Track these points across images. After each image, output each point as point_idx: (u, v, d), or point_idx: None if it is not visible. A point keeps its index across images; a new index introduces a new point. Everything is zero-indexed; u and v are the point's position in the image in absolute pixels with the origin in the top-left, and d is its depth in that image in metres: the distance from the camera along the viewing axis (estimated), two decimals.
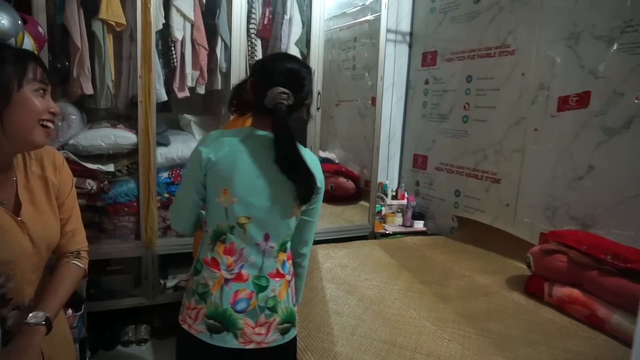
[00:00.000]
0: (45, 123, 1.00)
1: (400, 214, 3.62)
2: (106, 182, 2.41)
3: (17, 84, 0.93)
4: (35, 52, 1.79)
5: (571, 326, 2.00)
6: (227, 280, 1.21)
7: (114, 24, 2.35)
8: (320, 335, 1.79)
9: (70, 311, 1.90)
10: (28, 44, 1.71)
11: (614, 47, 2.32)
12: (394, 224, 3.58)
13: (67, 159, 2.34)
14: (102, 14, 2.30)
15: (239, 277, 1.22)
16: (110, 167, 2.43)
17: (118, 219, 2.50)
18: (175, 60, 2.52)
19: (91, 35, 2.35)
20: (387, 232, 3.37)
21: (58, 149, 2.35)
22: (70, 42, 2.29)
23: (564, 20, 2.55)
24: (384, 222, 3.54)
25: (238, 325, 1.20)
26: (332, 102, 4.33)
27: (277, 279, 1.26)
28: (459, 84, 3.30)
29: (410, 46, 3.81)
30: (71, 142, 2.34)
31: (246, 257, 1.22)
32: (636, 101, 2.24)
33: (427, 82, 3.62)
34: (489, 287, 2.38)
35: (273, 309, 1.24)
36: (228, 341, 1.20)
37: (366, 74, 3.86)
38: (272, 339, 1.25)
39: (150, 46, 2.40)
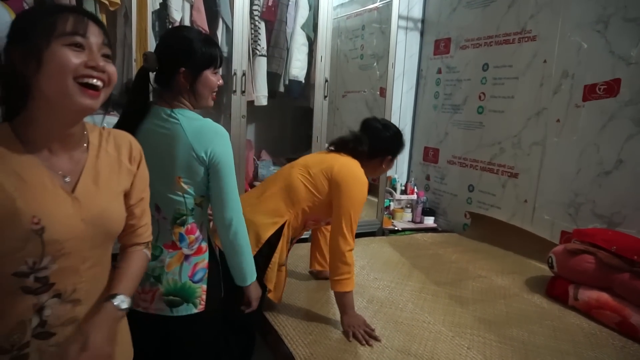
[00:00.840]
0: (84, 80, 0.81)
1: (409, 210, 3.45)
2: None
3: (46, 41, 0.78)
4: None
5: (601, 334, 1.83)
6: None
7: (107, 2, 2.19)
8: (327, 342, 1.63)
9: None
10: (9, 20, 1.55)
11: None
12: (403, 219, 3.41)
13: None
14: None
15: None
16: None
17: None
18: None
19: None
20: (396, 228, 3.21)
21: None
22: None
23: (592, 2, 2.36)
24: (393, 218, 3.37)
25: None
26: (338, 93, 4.16)
27: (171, 250, 1.29)
28: (474, 73, 3.11)
29: (422, 34, 3.62)
30: None
31: None
32: None
33: (439, 71, 3.44)
34: (508, 289, 2.21)
35: (157, 279, 1.27)
36: None
37: (375, 64, 3.68)
38: (157, 307, 1.28)
39: (146, 27, 2.24)
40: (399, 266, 2.44)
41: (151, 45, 2.27)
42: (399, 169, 3.74)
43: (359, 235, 2.96)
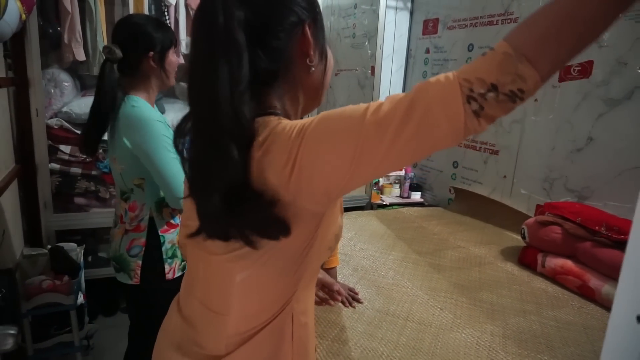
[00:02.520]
0: None
1: (397, 185, 3.61)
2: (101, 151, 2.40)
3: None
4: (23, 15, 1.74)
5: (562, 296, 2.02)
6: None
7: None
8: None
9: (66, 277, 1.92)
10: (14, 6, 1.66)
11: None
12: (392, 195, 3.57)
13: (61, 127, 2.33)
14: None
15: None
16: (105, 135, 2.40)
17: (113, 187, 2.49)
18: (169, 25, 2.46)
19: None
20: (384, 203, 3.38)
21: (51, 117, 2.33)
22: (60, 6, 2.23)
23: None
24: (382, 193, 3.54)
25: None
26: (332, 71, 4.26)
27: (119, 224, 1.51)
28: (461, 53, 3.23)
29: (411, 13, 3.71)
30: (64, 109, 2.31)
31: None
32: (639, 70, 2.19)
33: (427, 51, 3.55)
34: (484, 257, 2.39)
35: (110, 247, 1.55)
36: None
37: (366, 43, 3.78)
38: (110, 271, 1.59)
39: (143, 11, 2.34)
40: (384, 238, 2.62)
41: None
42: None
43: (348, 210, 3.14)
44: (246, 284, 0.70)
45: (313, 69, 0.71)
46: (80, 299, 2.09)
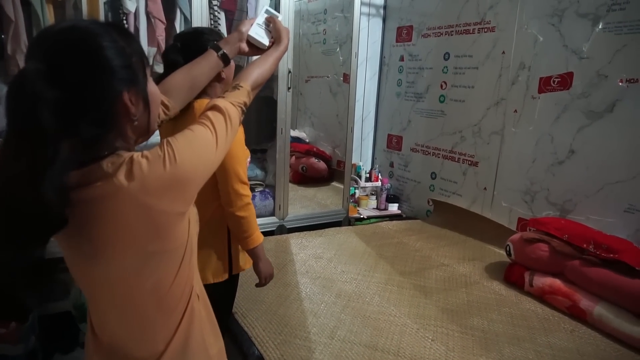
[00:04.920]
0: None
1: (374, 197, 3.51)
2: None
3: (146, 78, 0.78)
4: None
5: (553, 318, 1.95)
6: None
7: None
8: (297, 341, 1.66)
9: (13, 324, 1.69)
10: None
11: (599, 27, 2.22)
12: (368, 207, 3.46)
13: None
14: None
15: None
16: None
17: None
18: None
19: (27, 4, 2.05)
20: (362, 216, 3.26)
21: None
22: (1, 13, 1.99)
23: None
24: (358, 206, 3.42)
25: None
26: (301, 77, 4.11)
27: None
28: (436, 62, 3.15)
29: (384, 20, 3.61)
30: None
31: None
32: (620, 84, 2.15)
33: (402, 59, 3.46)
34: (469, 276, 2.31)
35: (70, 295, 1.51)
36: None
37: (337, 49, 3.66)
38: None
39: (98, 19, 2.12)
40: (365, 257, 2.49)
41: None
42: (364, 155, 3.78)
43: (325, 225, 3.01)
44: (157, 287, 0.78)
45: (136, 122, 0.75)
46: (32, 343, 1.86)
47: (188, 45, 1.36)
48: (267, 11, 1.15)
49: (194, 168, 0.74)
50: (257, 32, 1.11)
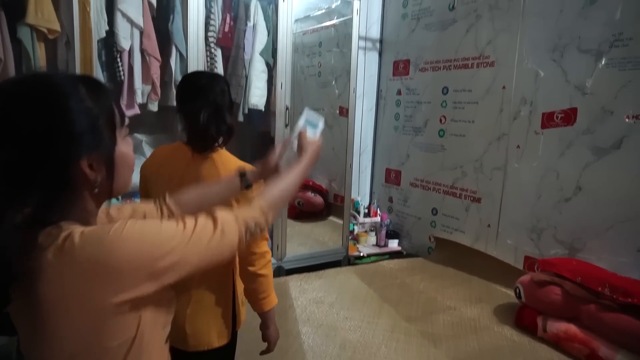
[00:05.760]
0: None
1: (373, 233, 3.41)
2: None
3: (112, 141, 0.68)
4: None
5: None
6: None
7: (45, 31, 1.99)
8: None
9: None
10: None
11: (603, 62, 2.19)
12: (368, 243, 3.36)
13: None
14: (30, 18, 1.94)
15: None
16: None
17: None
18: (121, 73, 2.18)
19: (17, 42, 1.98)
20: (362, 254, 3.15)
21: None
22: None
23: (547, 30, 2.40)
24: (357, 242, 3.32)
25: None
26: (297, 110, 4.07)
27: None
28: (434, 96, 3.12)
29: (380, 54, 3.60)
30: None
31: None
32: (627, 120, 2.11)
33: (399, 93, 3.43)
34: (478, 320, 2.19)
35: None
36: None
37: (333, 82, 3.63)
38: None
39: (91, 57, 2.06)
40: (368, 300, 2.37)
41: (96, 76, 2.09)
42: (362, 190, 3.70)
43: (325, 265, 2.89)
44: None
45: (97, 189, 0.67)
46: None
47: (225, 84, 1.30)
48: (306, 122, 1.00)
49: (130, 260, 0.62)
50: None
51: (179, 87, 1.27)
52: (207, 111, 1.20)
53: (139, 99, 2.23)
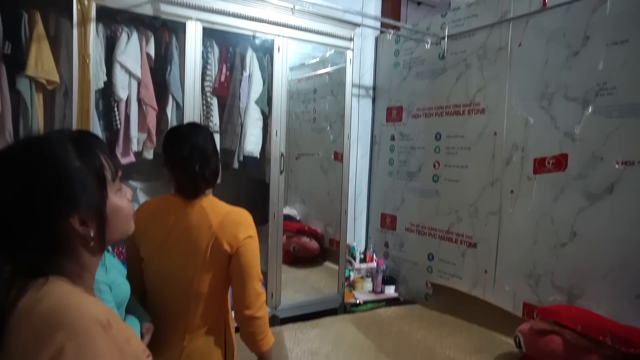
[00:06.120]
0: None
1: (369, 279, 3.36)
2: None
3: (103, 197, 0.70)
4: None
5: None
6: None
7: (44, 82, 2.02)
8: None
9: None
10: None
11: (590, 110, 2.24)
12: (364, 290, 3.30)
13: None
14: (30, 70, 1.98)
15: None
16: None
17: None
18: (118, 121, 2.21)
19: (16, 93, 2.01)
20: (358, 301, 3.09)
21: None
22: None
23: (534, 79, 2.48)
24: (354, 289, 3.26)
25: None
26: (292, 155, 4.11)
27: None
28: (428, 141, 3.16)
29: (373, 100, 3.68)
30: None
31: None
32: (617, 166, 2.14)
33: (393, 138, 3.48)
34: None
35: None
36: None
37: (327, 127, 3.68)
38: None
39: (89, 107, 2.08)
40: (364, 351, 2.31)
41: (93, 124, 2.11)
42: (357, 235, 3.68)
43: (320, 314, 2.83)
44: None
45: (92, 243, 0.68)
46: None
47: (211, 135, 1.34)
48: None
49: None
50: None
51: (165, 140, 1.30)
52: (195, 157, 1.24)
53: (135, 147, 2.25)
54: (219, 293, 1.27)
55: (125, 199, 0.75)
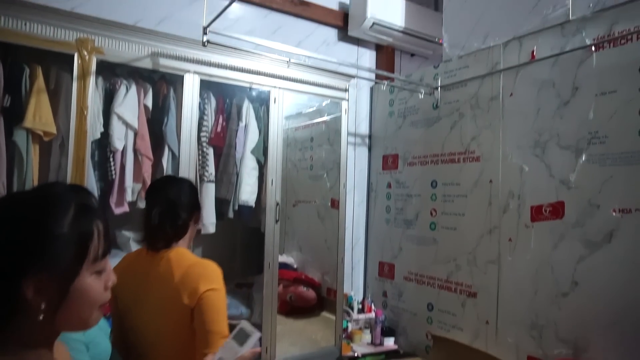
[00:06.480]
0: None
1: (368, 330, 3.26)
2: None
3: (74, 272, 0.64)
4: None
5: None
6: None
7: (41, 133, 2.04)
8: None
9: None
10: None
11: (583, 158, 2.26)
12: (362, 342, 3.19)
13: None
14: (28, 122, 2.01)
15: None
16: None
17: None
18: (113, 172, 2.21)
19: (12, 143, 2.02)
20: (356, 355, 2.98)
21: None
22: None
23: (527, 128, 2.51)
24: (352, 341, 3.15)
25: None
26: (289, 201, 4.10)
27: None
28: (424, 189, 3.16)
29: (369, 149, 3.72)
30: None
31: None
32: (614, 214, 2.12)
33: (389, 186, 3.48)
34: None
35: None
36: None
37: (324, 175, 3.70)
38: None
39: (84, 157, 2.10)
40: None
41: (88, 174, 2.12)
42: (355, 284, 3.60)
43: None
44: None
45: (41, 317, 0.61)
46: None
47: (187, 186, 1.40)
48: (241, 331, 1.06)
49: None
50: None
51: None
52: (159, 208, 1.24)
53: (129, 197, 2.24)
54: (191, 350, 1.21)
55: (101, 285, 0.68)
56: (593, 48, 2.24)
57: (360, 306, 3.39)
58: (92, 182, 2.13)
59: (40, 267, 0.60)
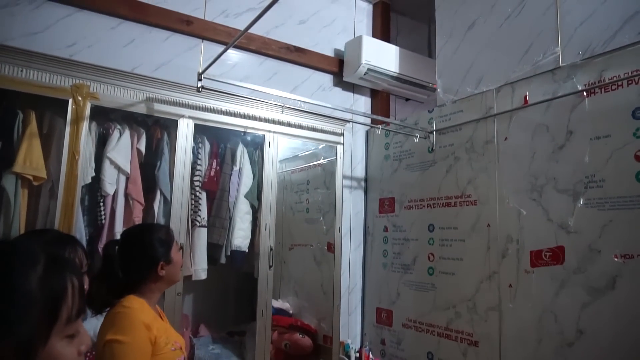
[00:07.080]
0: None
1: None
2: None
3: (42, 337, 0.55)
4: None
5: None
6: None
7: (30, 178, 2.02)
8: None
9: None
10: None
11: (581, 202, 2.23)
12: None
13: None
14: (18, 167, 1.98)
15: None
16: None
17: None
18: (103, 216, 2.17)
19: (0, 189, 1.99)
20: None
21: None
22: None
23: (523, 172, 2.49)
24: None
25: None
26: (285, 245, 4.03)
27: None
28: (421, 233, 3.11)
29: (365, 192, 3.69)
30: None
31: None
32: (616, 259, 2.07)
33: (386, 229, 3.43)
34: None
35: None
36: None
37: (321, 218, 3.65)
38: None
39: (74, 202, 2.06)
40: None
41: (77, 219, 2.07)
42: (352, 331, 3.47)
43: None
44: None
45: None
46: None
47: (129, 240, 1.44)
48: None
49: None
50: None
51: None
52: (105, 261, 1.37)
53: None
54: None
55: (74, 351, 0.60)
56: (585, 93, 2.26)
57: (357, 355, 3.25)
58: (80, 228, 2.08)
59: (2, 333, 0.52)
